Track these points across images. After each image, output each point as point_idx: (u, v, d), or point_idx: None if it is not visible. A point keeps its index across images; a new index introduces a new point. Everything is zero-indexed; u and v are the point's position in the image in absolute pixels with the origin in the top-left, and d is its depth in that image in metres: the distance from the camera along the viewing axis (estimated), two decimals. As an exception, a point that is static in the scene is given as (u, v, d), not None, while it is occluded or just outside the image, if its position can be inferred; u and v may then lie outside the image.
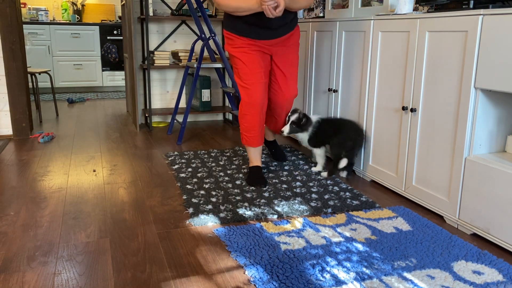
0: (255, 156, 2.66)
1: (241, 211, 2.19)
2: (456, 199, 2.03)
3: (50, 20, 6.49)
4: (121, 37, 6.48)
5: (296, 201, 2.32)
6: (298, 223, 2.07)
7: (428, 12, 2.21)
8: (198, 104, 4.17)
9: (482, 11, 1.83)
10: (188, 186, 2.52)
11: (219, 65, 3.80)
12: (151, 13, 3.88)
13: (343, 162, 2.64)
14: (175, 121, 4.21)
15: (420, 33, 2.17)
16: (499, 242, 1.85)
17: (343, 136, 2.64)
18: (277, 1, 2.24)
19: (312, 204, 2.30)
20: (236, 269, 1.69)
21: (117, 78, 6.61)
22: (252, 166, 2.66)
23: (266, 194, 2.42)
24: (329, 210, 2.23)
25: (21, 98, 3.60)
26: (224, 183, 2.58)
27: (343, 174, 2.74)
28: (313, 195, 2.41)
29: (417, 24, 2.18)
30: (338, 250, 1.82)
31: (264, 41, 2.53)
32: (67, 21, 6.53)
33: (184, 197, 2.37)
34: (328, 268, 1.67)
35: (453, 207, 2.06)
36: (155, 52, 4.02)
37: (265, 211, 2.20)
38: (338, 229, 2.01)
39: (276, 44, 2.58)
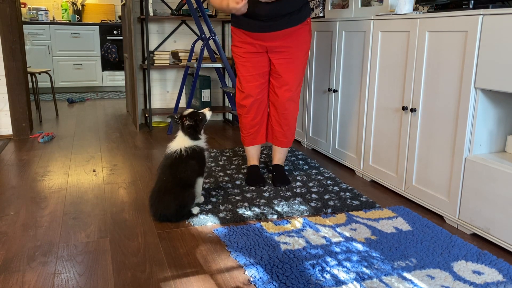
0: (252, 156, 2.66)
1: (241, 211, 2.19)
2: (456, 199, 2.03)
3: (50, 20, 6.49)
4: (121, 37, 6.48)
5: (296, 201, 2.32)
6: (298, 223, 2.07)
7: (428, 12, 2.21)
8: (198, 104, 4.17)
9: (482, 11, 1.83)
10: (188, 186, 2.52)
11: (219, 65, 3.80)
12: (151, 13, 3.88)
13: None
14: (175, 121, 4.21)
15: (420, 33, 2.17)
16: (499, 242, 1.85)
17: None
18: None
19: (312, 204, 2.30)
20: (236, 269, 1.69)
21: (117, 78, 6.61)
22: (249, 166, 2.66)
23: (266, 194, 2.41)
24: (329, 210, 2.23)
25: (21, 98, 3.59)
26: (224, 183, 2.58)
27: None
28: (313, 195, 2.41)
29: (417, 24, 2.18)
30: (338, 250, 1.82)
31: (259, 34, 2.35)
32: (67, 21, 6.52)
33: (184, 197, 2.37)
34: (328, 268, 1.67)
35: (453, 207, 2.06)
36: (155, 52, 4.02)
37: (265, 211, 2.20)
38: (338, 229, 2.01)
39: (274, 40, 2.37)
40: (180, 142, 2.13)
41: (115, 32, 6.47)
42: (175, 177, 2.05)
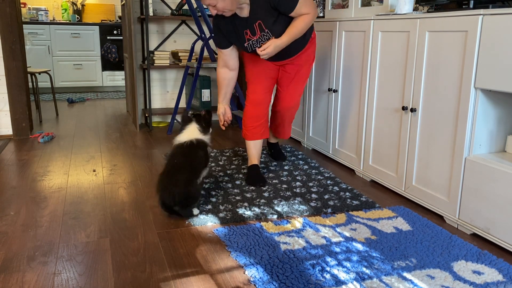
0: (253, 154, 2.67)
1: (241, 211, 2.19)
2: (456, 199, 2.03)
3: (50, 20, 6.49)
4: (121, 37, 6.48)
5: (296, 201, 2.32)
6: (298, 223, 2.07)
7: (428, 12, 2.21)
8: (198, 104, 4.17)
9: (482, 11, 1.83)
10: (188, 186, 2.52)
11: (219, 65, 3.79)
12: (151, 13, 3.88)
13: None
14: (175, 121, 4.21)
15: (420, 33, 2.17)
16: (499, 242, 1.85)
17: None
18: (264, 47, 2.28)
19: (312, 204, 2.30)
20: (236, 269, 1.69)
21: (117, 78, 6.61)
22: (250, 165, 2.66)
23: (266, 194, 2.42)
24: (329, 210, 2.23)
25: (21, 98, 3.59)
26: (224, 183, 2.58)
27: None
28: (313, 195, 2.41)
29: (417, 24, 2.18)
30: (338, 250, 1.82)
31: (270, 62, 2.59)
32: (67, 21, 6.52)
33: (184, 197, 2.37)
34: (328, 268, 1.67)
35: (453, 207, 2.06)
36: (155, 52, 4.02)
37: (265, 211, 2.20)
38: (338, 229, 2.01)
39: (285, 64, 2.62)
40: (190, 134, 2.23)
41: (115, 32, 6.47)
42: (186, 161, 2.13)
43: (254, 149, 2.66)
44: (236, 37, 2.42)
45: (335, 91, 2.95)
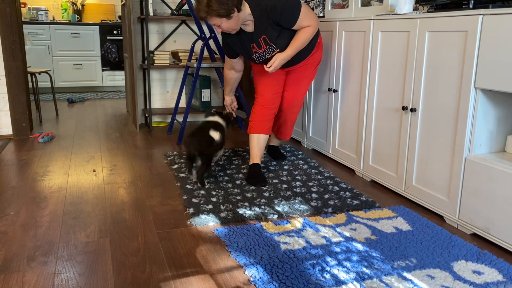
0: (255, 153, 2.68)
1: (241, 211, 2.19)
2: (456, 199, 2.03)
3: (50, 20, 6.49)
4: (121, 37, 6.48)
5: (296, 201, 2.32)
6: (298, 223, 2.07)
7: (428, 12, 2.21)
8: (198, 104, 4.17)
9: (482, 11, 1.83)
10: (188, 186, 2.52)
11: (219, 65, 3.80)
12: (151, 13, 3.88)
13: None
14: (175, 121, 4.21)
15: (420, 33, 2.17)
16: (499, 242, 1.85)
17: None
18: (270, 63, 2.40)
19: (312, 203, 2.30)
20: (236, 269, 1.69)
21: (117, 78, 6.61)
22: (251, 164, 2.67)
23: (266, 194, 2.42)
24: (329, 209, 2.23)
25: (21, 98, 3.59)
26: (224, 183, 2.58)
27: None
28: (313, 195, 2.41)
29: (417, 24, 2.18)
30: (338, 250, 1.82)
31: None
32: (67, 21, 6.52)
33: (184, 197, 2.37)
34: (328, 268, 1.67)
35: (453, 207, 2.06)
36: (155, 52, 4.02)
37: (266, 211, 2.20)
38: (338, 229, 2.01)
39: (292, 70, 2.71)
40: (215, 119, 2.68)
41: (115, 32, 6.47)
42: (213, 128, 2.54)
43: (257, 147, 2.67)
44: (244, 50, 2.56)
45: (335, 91, 2.95)
